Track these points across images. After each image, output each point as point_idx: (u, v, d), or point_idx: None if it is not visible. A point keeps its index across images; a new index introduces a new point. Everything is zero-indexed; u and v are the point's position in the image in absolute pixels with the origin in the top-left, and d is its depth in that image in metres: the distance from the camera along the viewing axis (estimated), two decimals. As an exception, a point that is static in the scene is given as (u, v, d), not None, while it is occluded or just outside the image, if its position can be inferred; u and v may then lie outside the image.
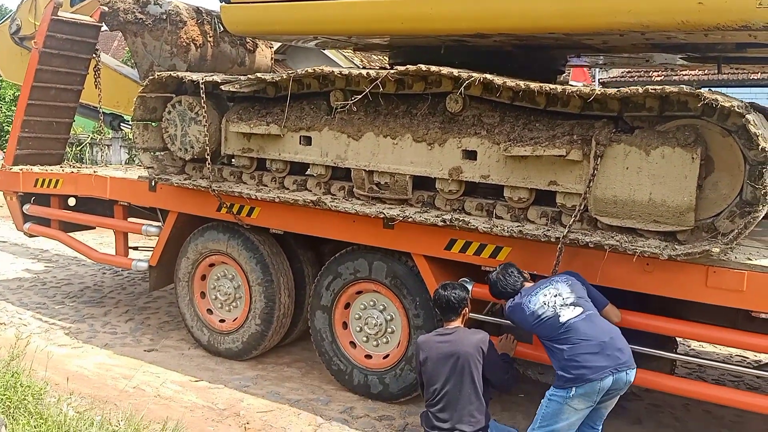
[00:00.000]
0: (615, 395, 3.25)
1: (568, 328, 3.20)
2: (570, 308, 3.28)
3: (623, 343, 3.23)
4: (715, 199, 3.44)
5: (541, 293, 3.37)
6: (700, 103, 3.27)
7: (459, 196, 4.10)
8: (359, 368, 4.68)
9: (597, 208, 3.61)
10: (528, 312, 3.33)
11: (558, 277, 3.49)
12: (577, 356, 3.12)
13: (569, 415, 3.16)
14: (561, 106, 3.79)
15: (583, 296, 3.38)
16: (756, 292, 3.33)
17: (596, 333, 3.19)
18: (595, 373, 3.08)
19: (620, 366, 3.14)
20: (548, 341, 3.28)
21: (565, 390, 3.13)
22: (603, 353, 3.12)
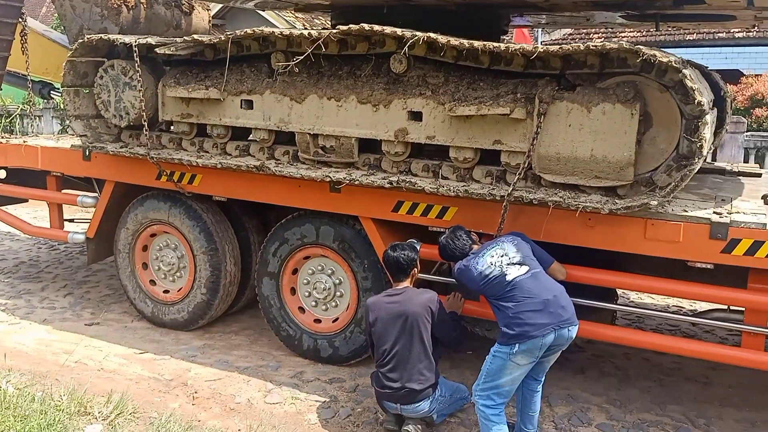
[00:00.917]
0: (557, 350, 3.34)
1: (514, 286, 3.25)
2: (516, 267, 3.32)
3: (566, 301, 3.30)
4: (653, 154, 3.52)
5: (488, 254, 3.40)
6: (638, 59, 3.32)
7: (405, 157, 4.07)
8: (309, 333, 4.66)
9: (540, 166, 3.65)
10: (476, 273, 3.36)
11: (504, 238, 3.53)
12: (522, 314, 3.17)
13: (513, 371, 3.22)
14: (505, 65, 3.77)
15: (529, 255, 3.43)
16: (691, 242, 3.45)
17: (540, 291, 3.25)
18: (538, 330, 3.14)
19: (562, 323, 3.20)
20: (495, 300, 3.33)
21: (509, 346, 3.18)
22: (546, 311, 3.18)
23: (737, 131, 9.82)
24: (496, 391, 3.27)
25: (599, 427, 3.85)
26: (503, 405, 3.32)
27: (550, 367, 3.50)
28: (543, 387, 3.56)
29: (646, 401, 4.14)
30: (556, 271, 3.55)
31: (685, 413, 4.00)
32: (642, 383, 4.39)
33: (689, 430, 3.82)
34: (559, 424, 3.87)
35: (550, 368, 3.51)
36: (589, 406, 4.07)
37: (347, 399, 4.15)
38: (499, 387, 3.26)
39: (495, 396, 3.28)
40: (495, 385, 3.26)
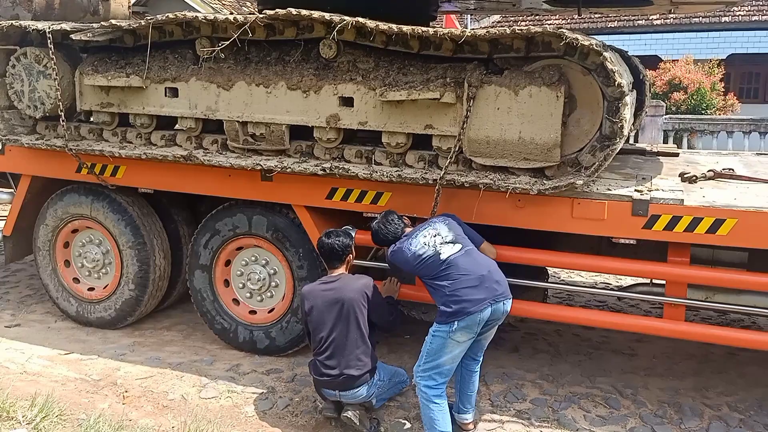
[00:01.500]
0: (493, 325, 3.40)
1: (448, 264, 3.29)
2: (449, 245, 3.36)
3: (500, 275, 3.37)
4: (578, 135, 3.62)
5: (421, 235, 3.43)
6: (562, 43, 3.38)
7: (338, 144, 4.04)
8: (244, 325, 4.57)
9: (471, 149, 3.70)
10: (410, 254, 3.38)
11: (436, 219, 3.56)
12: (458, 291, 3.22)
13: (452, 348, 3.27)
14: (434, 50, 3.79)
15: (461, 234, 3.48)
16: (615, 219, 3.58)
17: (475, 267, 3.30)
18: (475, 306, 3.19)
19: (498, 297, 3.27)
20: (430, 280, 3.35)
21: (448, 324, 3.22)
22: (482, 286, 3.24)
23: (657, 114, 10.27)
24: (437, 371, 3.30)
25: (533, 402, 3.96)
26: (444, 385, 3.35)
27: (486, 347, 3.56)
28: (481, 367, 3.62)
29: (576, 375, 4.28)
30: (486, 251, 3.61)
31: (613, 384, 4.16)
32: (573, 358, 4.54)
33: (617, 400, 3.98)
34: (495, 401, 3.95)
35: (486, 348, 3.56)
36: (524, 383, 4.18)
37: (285, 389, 4.11)
38: (440, 366, 3.29)
39: (436, 376, 3.31)
40: (436, 364, 3.29)
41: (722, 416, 3.80)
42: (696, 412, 3.83)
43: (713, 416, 3.80)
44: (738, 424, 3.71)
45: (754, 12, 15.06)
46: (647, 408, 3.89)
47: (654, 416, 3.79)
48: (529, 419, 3.76)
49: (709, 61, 13.14)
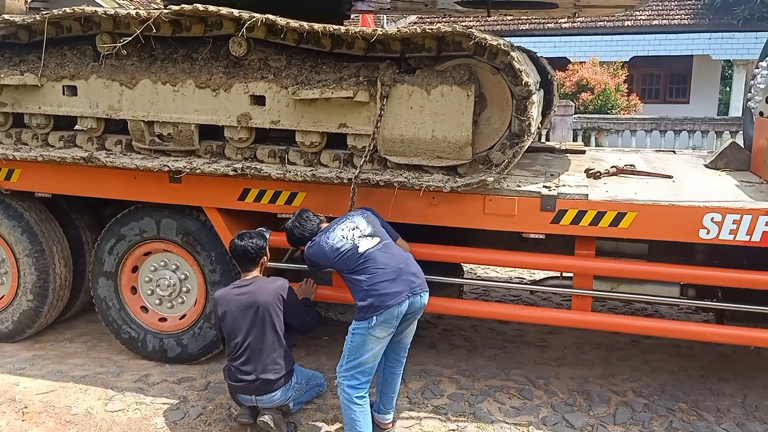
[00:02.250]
0: (412, 320, 3.40)
1: (366, 257, 3.25)
2: (368, 239, 3.33)
3: (417, 268, 3.37)
4: (488, 133, 3.69)
5: (339, 228, 3.38)
6: (471, 42, 3.45)
7: (250, 143, 3.95)
8: (153, 333, 4.39)
9: (385, 148, 3.70)
10: (327, 248, 3.32)
11: (354, 212, 3.52)
12: (376, 285, 3.19)
13: (373, 345, 3.24)
14: (346, 48, 3.77)
15: (379, 227, 3.45)
16: (525, 215, 3.66)
17: (392, 260, 3.28)
18: (393, 299, 3.17)
19: (415, 289, 3.27)
20: (349, 274, 3.30)
21: (367, 321, 3.19)
22: (399, 279, 3.22)
23: (566, 114, 10.68)
24: (359, 370, 3.26)
25: (450, 397, 4.00)
26: (367, 385, 3.31)
27: (408, 346, 3.55)
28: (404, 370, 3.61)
29: (492, 368, 4.37)
30: (402, 247, 3.60)
31: (527, 376, 4.27)
32: (488, 352, 4.63)
33: (530, 390, 4.09)
34: (413, 398, 3.97)
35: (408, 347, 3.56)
36: (441, 379, 4.22)
37: (198, 398, 3.97)
38: (363, 365, 3.26)
39: (359, 375, 3.27)
40: (358, 363, 3.25)
41: (628, 402, 3.97)
42: (603, 399, 3.99)
43: (620, 402, 3.96)
44: (642, 409, 3.88)
45: (654, 17, 15.94)
46: (558, 397, 4.01)
47: (564, 404, 3.92)
48: (446, 414, 3.80)
49: (613, 63, 13.79)
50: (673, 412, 3.84)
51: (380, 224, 3.50)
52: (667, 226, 3.50)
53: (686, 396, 4.03)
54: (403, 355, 3.57)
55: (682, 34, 15.51)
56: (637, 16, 15.84)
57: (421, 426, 3.69)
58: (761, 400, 3.98)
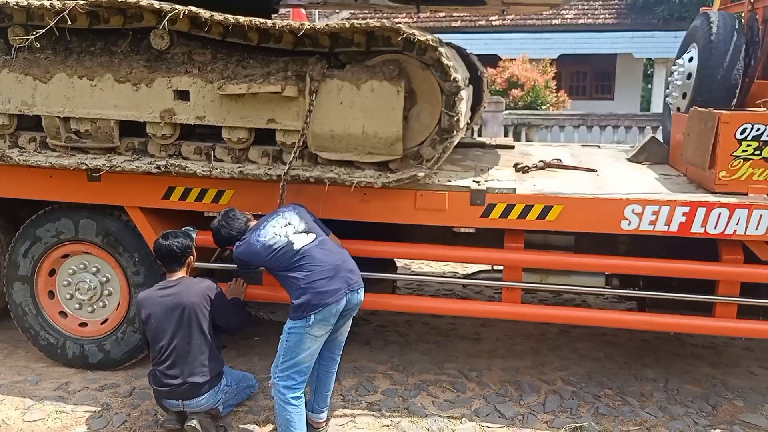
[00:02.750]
0: (348, 317, 3.35)
1: (303, 254, 3.18)
2: (303, 235, 3.25)
3: (353, 264, 3.34)
4: (419, 129, 3.70)
5: (270, 225, 3.28)
6: (400, 38, 3.44)
7: (174, 140, 3.82)
8: (73, 339, 4.20)
9: (316, 144, 3.66)
10: (260, 246, 3.22)
11: (285, 208, 3.44)
12: (314, 283, 3.13)
13: (310, 345, 3.18)
14: (274, 42, 3.70)
15: (313, 223, 3.39)
16: (455, 209, 3.69)
17: (329, 257, 3.23)
18: (332, 297, 3.12)
19: (353, 286, 3.23)
20: (284, 272, 3.21)
21: (304, 319, 3.13)
22: (337, 276, 3.17)
23: (497, 110, 10.87)
24: (296, 369, 3.20)
25: (384, 393, 4.00)
26: (303, 384, 3.25)
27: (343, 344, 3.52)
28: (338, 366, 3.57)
29: (426, 363, 4.39)
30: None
31: (460, 369, 4.31)
32: (422, 346, 4.65)
33: (463, 383, 4.13)
34: (346, 396, 3.95)
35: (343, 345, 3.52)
36: (375, 375, 4.21)
37: (122, 404, 3.82)
38: (299, 364, 3.19)
39: (295, 375, 3.20)
40: (294, 362, 3.18)
41: (557, 390, 4.06)
42: (534, 389, 4.07)
43: (549, 390, 4.05)
44: (570, 396, 3.99)
45: (580, 16, 16.46)
46: (490, 388, 4.07)
47: (496, 396, 3.98)
48: (380, 410, 3.79)
49: (542, 60, 14.13)
50: (599, 398, 3.96)
51: (313, 220, 3.44)
52: (592, 218, 3.60)
53: (612, 382, 4.16)
54: (337, 353, 3.53)
55: (607, 33, 16.09)
56: (564, 15, 16.31)
57: (355, 423, 3.67)
58: (682, 384, 4.16)
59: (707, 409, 3.87)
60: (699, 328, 3.89)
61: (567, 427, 3.65)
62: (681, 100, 4.65)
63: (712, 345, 4.73)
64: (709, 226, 3.47)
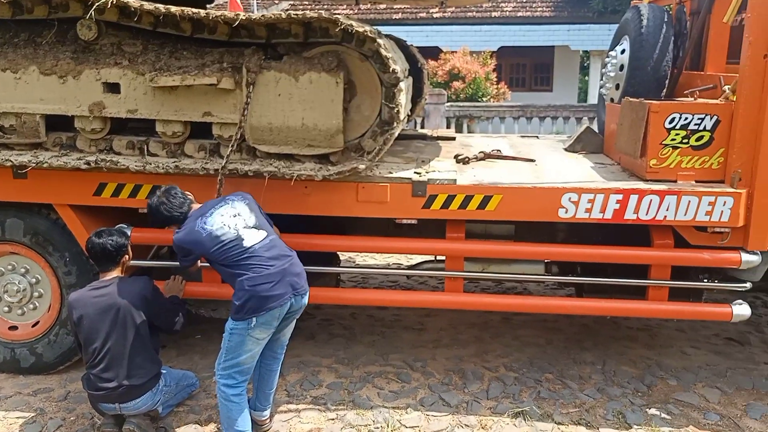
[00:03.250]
0: (292, 319, 3.30)
1: (252, 253, 3.06)
2: (253, 231, 3.12)
3: (300, 267, 3.24)
4: (359, 121, 3.68)
5: (217, 213, 3.13)
6: (338, 29, 3.41)
7: (105, 134, 3.70)
8: (3, 343, 4.04)
9: (254, 137, 3.60)
10: (205, 234, 3.07)
11: (233, 196, 3.28)
12: (259, 286, 3.02)
13: (252, 346, 3.11)
14: (209, 33, 3.62)
15: (263, 218, 3.27)
16: (397, 201, 3.69)
17: (277, 259, 3.12)
18: (275, 301, 3.04)
19: (298, 290, 3.14)
20: (228, 268, 3.09)
21: (246, 321, 3.04)
22: (283, 280, 3.08)
23: (439, 102, 10.95)
24: (237, 369, 3.14)
25: (329, 386, 3.99)
26: (245, 383, 3.20)
27: (286, 344, 3.46)
28: (282, 365, 3.51)
29: (371, 355, 4.40)
30: None
31: (405, 359, 4.34)
32: (367, 338, 4.65)
33: (408, 374, 4.15)
34: (291, 391, 3.91)
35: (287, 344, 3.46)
36: (320, 369, 4.19)
37: (57, 409, 3.68)
38: (241, 365, 3.13)
39: (237, 374, 3.15)
40: (236, 363, 3.12)
41: (500, 377, 4.14)
42: (477, 376, 4.13)
43: (492, 377, 4.12)
44: (513, 382, 4.07)
45: (519, 9, 16.73)
46: (435, 378, 4.11)
47: (441, 384, 4.02)
48: (326, 404, 3.77)
49: (482, 52, 14.31)
50: (540, 383, 4.05)
51: (261, 213, 3.33)
52: (530, 207, 3.66)
53: (552, 367, 4.26)
54: (280, 353, 3.47)
55: (544, 25, 16.41)
56: (503, 7, 16.55)
57: (299, 418, 3.64)
58: (618, 366, 4.29)
59: (643, 389, 4.01)
60: (634, 312, 4.02)
61: (509, 412, 3.72)
62: (614, 91, 4.77)
63: (647, 327, 4.91)
64: (641, 212, 3.58)
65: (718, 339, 4.73)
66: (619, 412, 3.74)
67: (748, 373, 4.20)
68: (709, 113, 3.58)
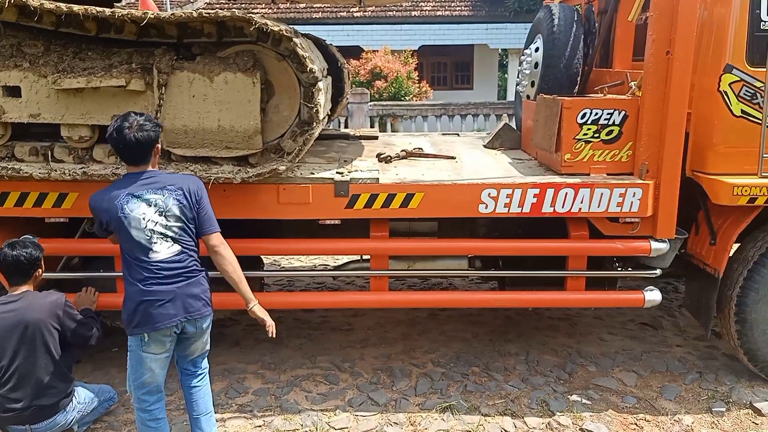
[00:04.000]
0: (194, 341, 3.01)
1: (152, 267, 2.79)
2: (167, 242, 2.80)
3: (201, 289, 2.91)
4: (278, 122, 3.64)
5: (145, 201, 2.78)
6: (252, 28, 3.35)
7: (6, 141, 3.51)
8: None
9: (168, 140, 3.49)
10: (118, 211, 2.74)
11: (174, 186, 2.84)
12: (146, 303, 2.78)
13: (150, 364, 2.87)
14: (116, 33, 3.49)
15: (187, 225, 2.87)
16: (320, 202, 3.66)
17: (176, 279, 2.83)
18: (162, 323, 2.79)
19: (192, 314, 2.86)
20: (126, 261, 2.83)
21: (138, 337, 2.83)
22: (176, 301, 2.81)
23: (362, 101, 10.95)
24: (144, 390, 2.91)
25: (255, 393, 3.91)
26: (158, 405, 2.98)
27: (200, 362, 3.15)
28: (207, 383, 3.17)
29: (298, 358, 4.34)
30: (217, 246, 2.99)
31: (333, 361, 4.31)
32: (294, 342, 4.59)
33: (336, 375, 4.13)
34: (216, 400, 3.79)
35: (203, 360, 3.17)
36: (245, 376, 4.10)
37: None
38: (146, 384, 2.90)
39: (146, 396, 2.92)
40: (141, 383, 2.89)
41: (427, 372, 4.17)
42: (405, 373, 4.15)
43: (420, 374, 4.15)
44: (440, 378, 4.11)
45: (438, 8, 16.96)
46: (363, 377, 4.10)
47: (369, 384, 4.02)
48: (252, 411, 3.70)
49: (404, 51, 14.42)
50: (467, 377, 4.12)
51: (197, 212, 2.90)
52: (451, 204, 3.71)
53: (478, 360, 4.34)
54: (194, 369, 3.11)
55: (463, 24, 16.71)
56: (423, 6, 16.74)
57: (225, 428, 3.55)
58: (541, 355, 4.42)
59: (564, 377, 4.14)
60: (553, 302, 4.16)
61: (437, 407, 3.76)
62: (530, 88, 4.90)
63: (567, 316, 5.08)
64: (558, 205, 3.69)
65: (633, 324, 4.95)
66: (543, 400, 3.85)
67: (661, 356, 4.41)
68: (617, 108, 3.74)
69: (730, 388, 3.98)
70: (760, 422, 3.64)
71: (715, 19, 3.65)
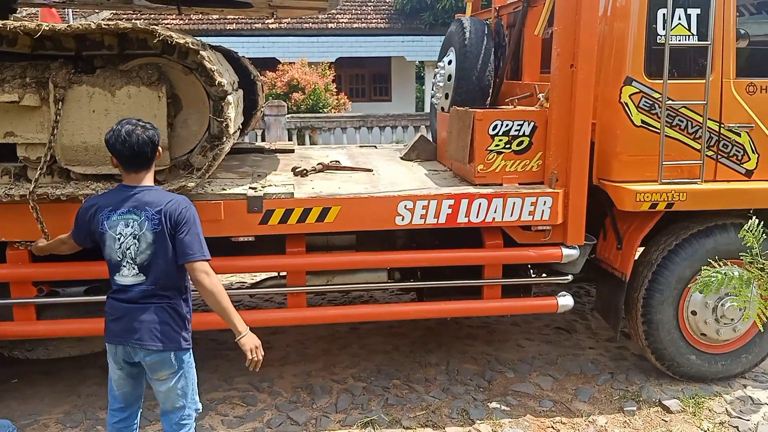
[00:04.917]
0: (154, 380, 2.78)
1: (117, 285, 2.69)
2: (133, 271, 2.66)
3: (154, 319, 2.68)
4: (187, 137, 3.53)
5: (124, 221, 2.64)
6: (156, 40, 3.23)
7: None
8: None
9: (67, 158, 3.32)
10: (98, 225, 2.66)
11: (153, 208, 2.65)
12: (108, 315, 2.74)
13: (113, 374, 2.83)
14: (8, 45, 3.29)
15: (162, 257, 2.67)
16: (233, 218, 3.55)
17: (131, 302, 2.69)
18: (109, 339, 2.74)
19: (131, 342, 2.68)
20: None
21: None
22: (123, 320, 2.68)
23: (280, 114, 10.82)
24: (111, 402, 2.87)
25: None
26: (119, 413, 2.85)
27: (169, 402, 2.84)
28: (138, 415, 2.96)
29: (214, 380, 4.18)
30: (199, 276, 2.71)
31: (250, 381, 4.18)
32: (209, 363, 4.41)
33: (254, 396, 4.01)
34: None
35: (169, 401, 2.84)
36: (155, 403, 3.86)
37: None
38: (112, 397, 2.87)
39: (112, 411, 2.87)
40: (110, 393, 2.87)
41: (348, 388, 4.12)
42: (326, 390, 4.08)
43: (341, 390, 4.10)
44: (361, 392, 4.07)
45: (354, 20, 17.05)
46: (282, 396, 4.00)
47: (289, 403, 3.93)
48: (164, 441, 3.52)
49: (321, 63, 14.39)
50: (388, 390, 4.10)
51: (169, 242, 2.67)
52: (368, 217, 3.69)
53: (399, 372, 4.33)
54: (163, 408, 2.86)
55: (380, 36, 16.87)
56: (339, 19, 16.78)
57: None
58: (461, 364, 4.46)
59: (484, 384, 4.19)
60: (471, 311, 4.21)
61: (358, 422, 3.71)
62: (444, 100, 4.98)
63: (486, 324, 5.16)
64: (472, 215, 3.75)
65: (549, 329, 5.09)
66: (463, 409, 3.88)
67: (575, 359, 4.55)
68: (527, 119, 3.84)
69: (640, 387, 4.15)
70: (669, 419, 3.81)
71: (615, 33, 3.82)
